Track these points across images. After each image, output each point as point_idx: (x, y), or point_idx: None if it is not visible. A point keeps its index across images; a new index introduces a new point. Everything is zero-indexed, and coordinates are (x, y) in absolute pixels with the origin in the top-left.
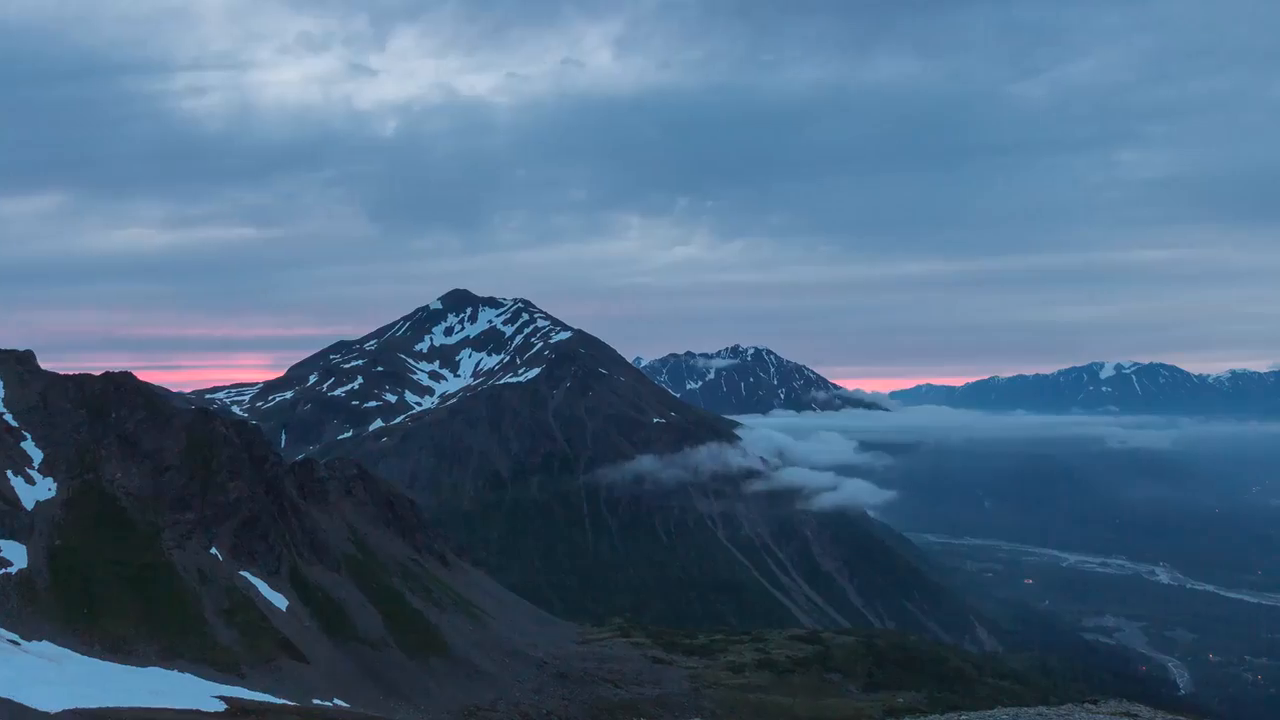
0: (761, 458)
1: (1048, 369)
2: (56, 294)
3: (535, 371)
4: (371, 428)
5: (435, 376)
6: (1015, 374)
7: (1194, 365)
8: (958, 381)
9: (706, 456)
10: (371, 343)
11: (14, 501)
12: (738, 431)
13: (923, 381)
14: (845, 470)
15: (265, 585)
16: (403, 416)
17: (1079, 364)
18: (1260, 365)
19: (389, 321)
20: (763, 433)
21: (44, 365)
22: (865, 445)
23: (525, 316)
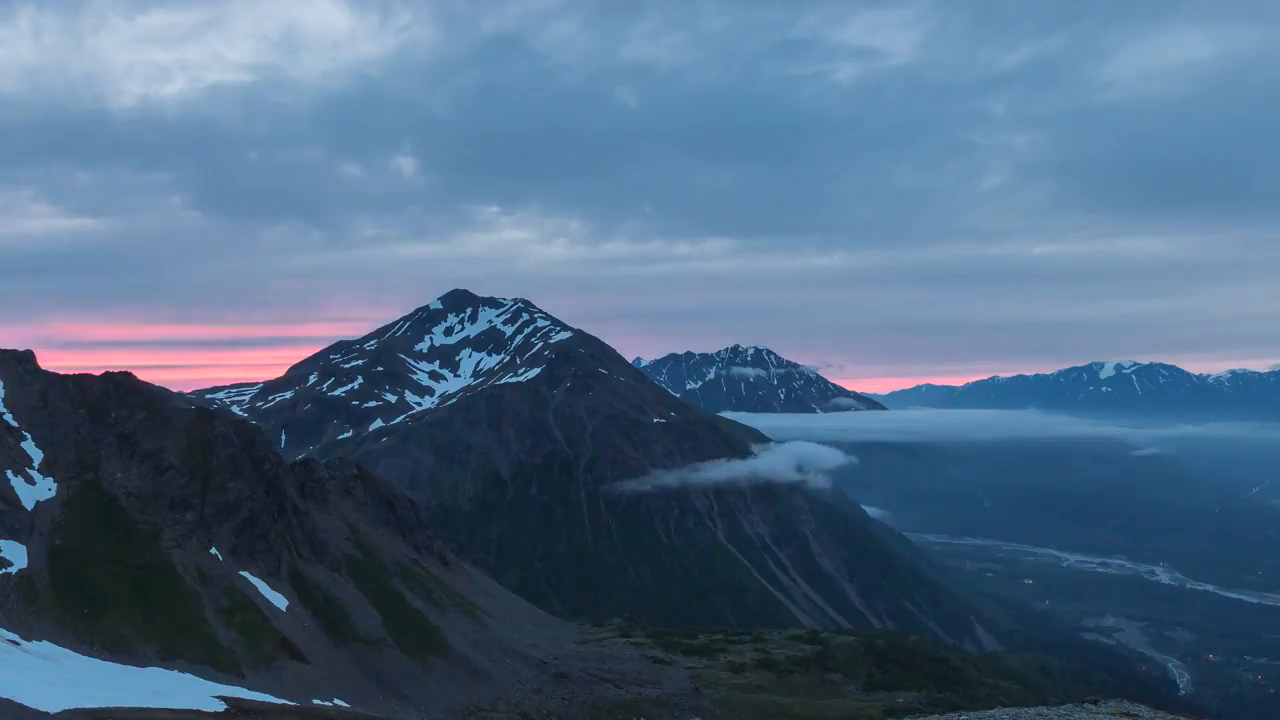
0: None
1: (1048, 369)
2: None
3: (535, 371)
4: (371, 428)
5: (435, 376)
6: (1015, 374)
7: (1194, 365)
8: (958, 381)
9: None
10: (371, 343)
11: (14, 501)
12: (755, 448)
13: (923, 381)
14: (846, 470)
15: (265, 585)
16: (403, 416)
17: (1079, 364)
18: (1260, 365)
19: (389, 321)
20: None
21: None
22: (865, 445)
23: (525, 316)
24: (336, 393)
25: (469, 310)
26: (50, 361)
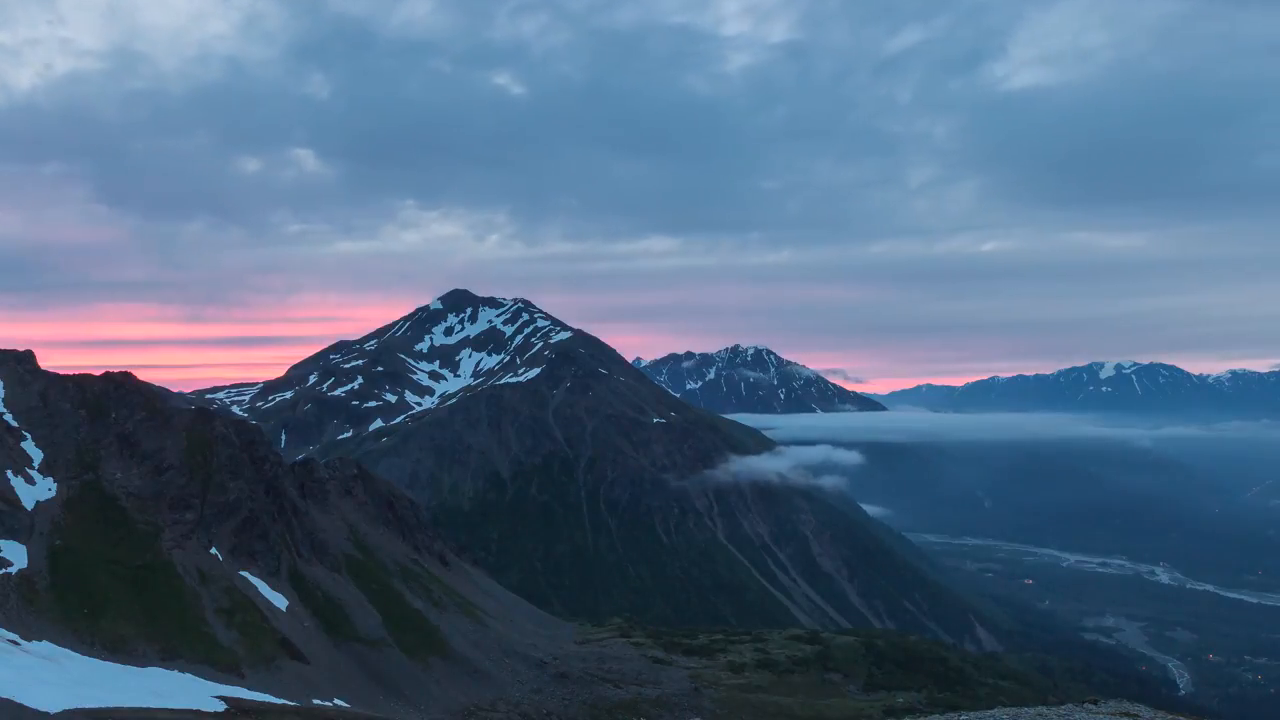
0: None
1: (1048, 369)
2: None
3: (535, 371)
4: (371, 428)
5: (435, 376)
6: (1015, 374)
7: (1194, 365)
8: (958, 381)
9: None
10: (371, 343)
11: (14, 501)
12: (755, 448)
13: (923, 381)
14: (845, 470)
15: (265, 585)
16: (403, 416)
17: (1079, 364)
18: (1260, 365)
19: (388, 322)
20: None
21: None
22: (865, 445)
23: (525, 316)
24: (336, 393)
25: (469, 310)
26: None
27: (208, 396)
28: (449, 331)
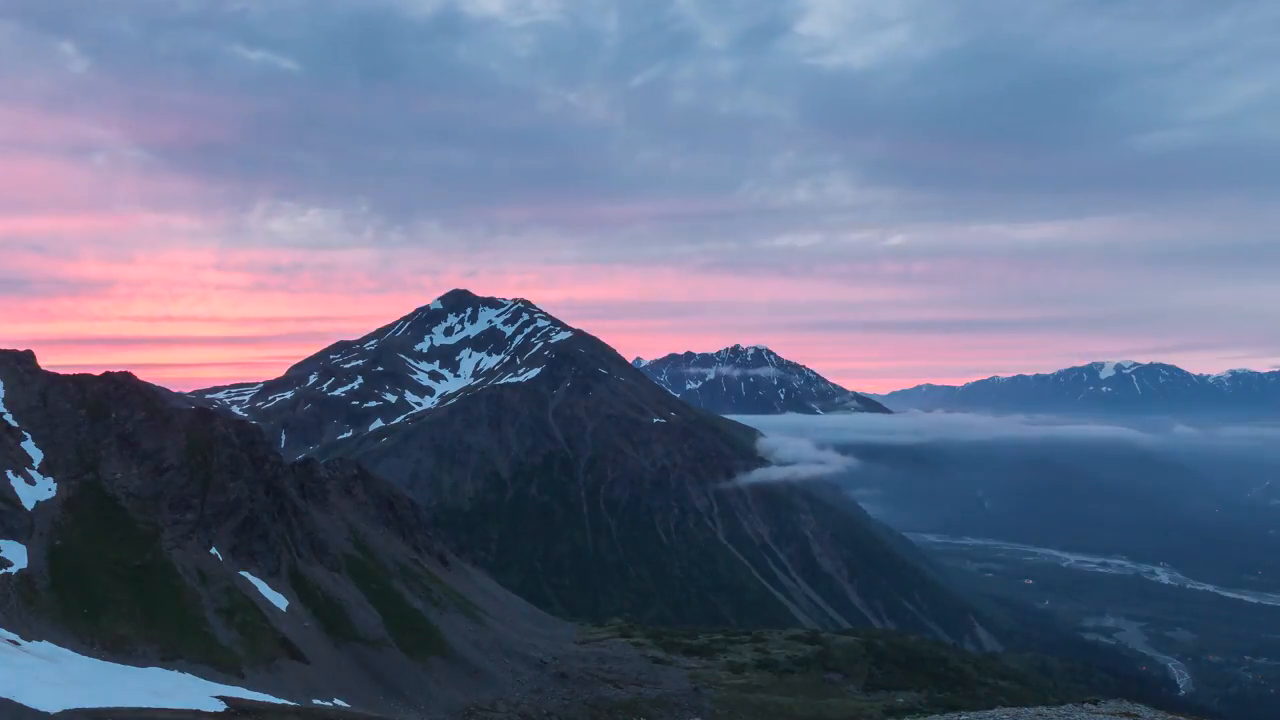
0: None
1: (1048, 369)
2: None
3: (535, 371)
4: (371, 428)
5: (435, 376)
6: (1015, 374)
7: (1194, 365)
8: (958, 381)
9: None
10: (371, 343)
11: (14, 501)
12: (755, 448)
13: (923, 382)
14: (845, 470)
15: (265, 585)
16: (403, 416)
17: (1079, 364)
18: (1260, 365)
19: (389, 322)
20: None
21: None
22: (865, 445)
23: (525, 316)
24: (336, 393)
25: (469, 310)
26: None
27: (208, 396)
28: (449, 331)
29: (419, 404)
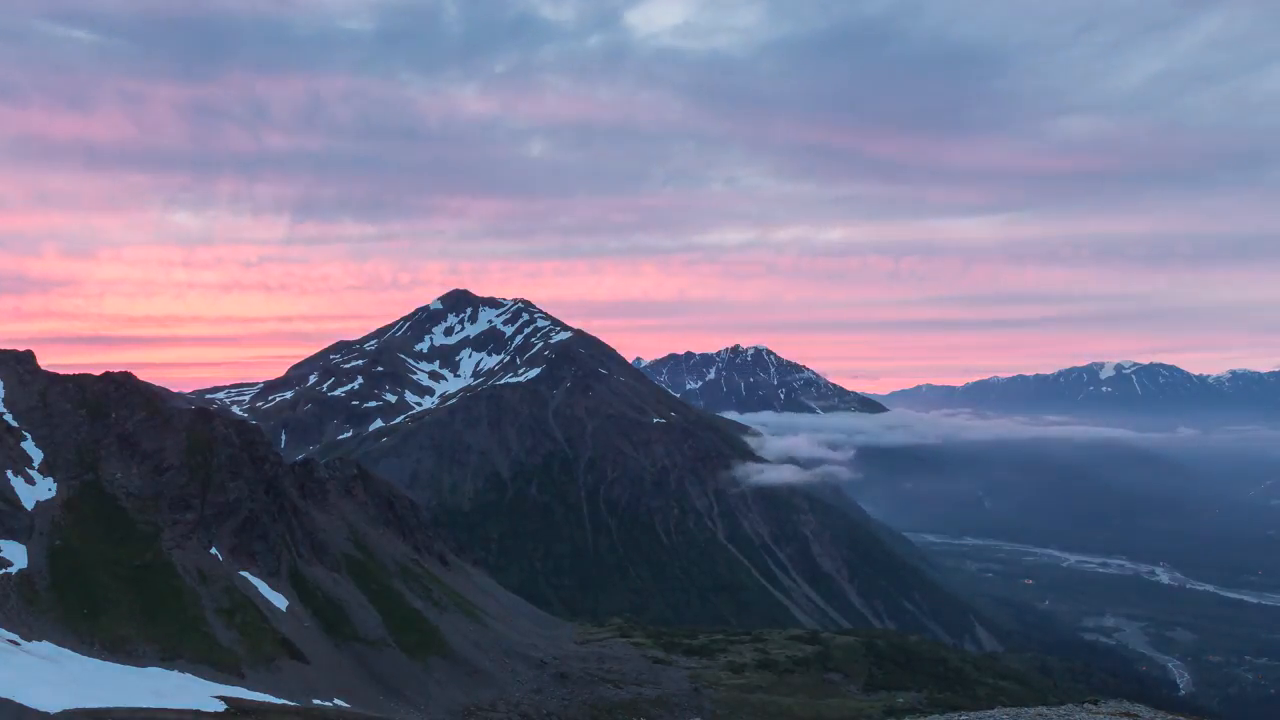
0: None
1: (1048, 369)
2: None
3: (535, 371)
4: (371, 428)
5: (435, 376)
6: (1015, 374)
7: (1194, 365)
8: (958, 381)
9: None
10: (371, 343)
11: (14, 501)
12: (755, 449)
13: (923, 382)
14: (846, 470)
15: (265, 585)
16: (403, 416)
17: (1079, 364)
18: (1261, 365)
19: (388, 322)
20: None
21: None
22: (865, 445)
23: (525, 316)
24: (336, 393)
25: (469, 310)
26: None
27: (207, 396)
28: (449, 332)
29: (419, 404)
